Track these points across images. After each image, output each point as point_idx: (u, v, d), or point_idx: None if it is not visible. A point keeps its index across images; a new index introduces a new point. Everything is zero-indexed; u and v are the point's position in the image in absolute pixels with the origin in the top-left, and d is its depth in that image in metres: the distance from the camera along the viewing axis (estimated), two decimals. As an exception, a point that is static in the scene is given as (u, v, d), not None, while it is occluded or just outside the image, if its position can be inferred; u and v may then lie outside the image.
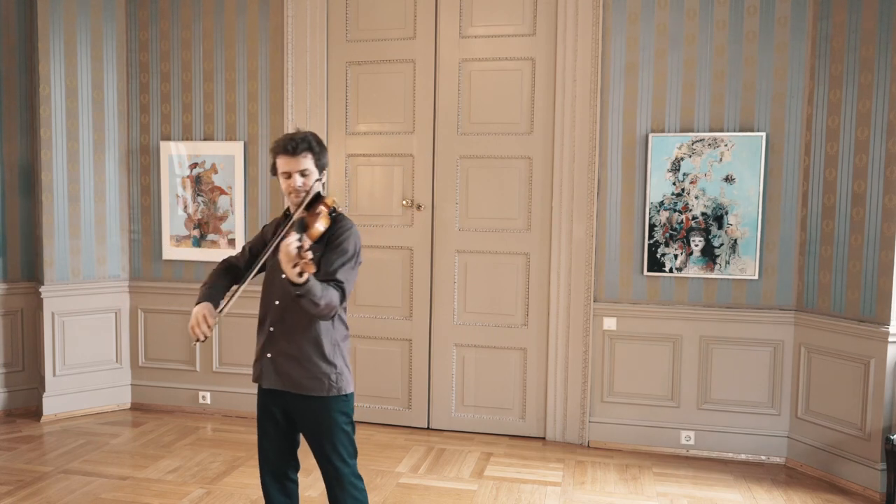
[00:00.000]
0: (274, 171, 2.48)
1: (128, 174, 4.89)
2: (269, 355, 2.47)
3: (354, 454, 2.52)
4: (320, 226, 2.35)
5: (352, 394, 2.52)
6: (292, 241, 2.12)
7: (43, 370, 4.70)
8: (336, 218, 2.47)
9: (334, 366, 2.45)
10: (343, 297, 2.35)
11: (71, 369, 4.74)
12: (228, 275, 2.61)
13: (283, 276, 2.24)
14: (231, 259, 2.66)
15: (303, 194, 2.42)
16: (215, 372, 4.85)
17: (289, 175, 2.42)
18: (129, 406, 4.97)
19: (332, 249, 2.40)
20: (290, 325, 2.43)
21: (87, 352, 4.79)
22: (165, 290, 4.87)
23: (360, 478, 2.52)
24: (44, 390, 4.68)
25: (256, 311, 4.86)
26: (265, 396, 2.53)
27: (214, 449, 4.21)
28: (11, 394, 4.82)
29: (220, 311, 2.45)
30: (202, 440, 4.37)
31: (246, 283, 2.49)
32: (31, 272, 4.84)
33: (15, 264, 4.79)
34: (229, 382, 4.82)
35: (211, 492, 3.61)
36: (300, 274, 2.11)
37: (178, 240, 4.82)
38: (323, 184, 2.56)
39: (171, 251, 4.84)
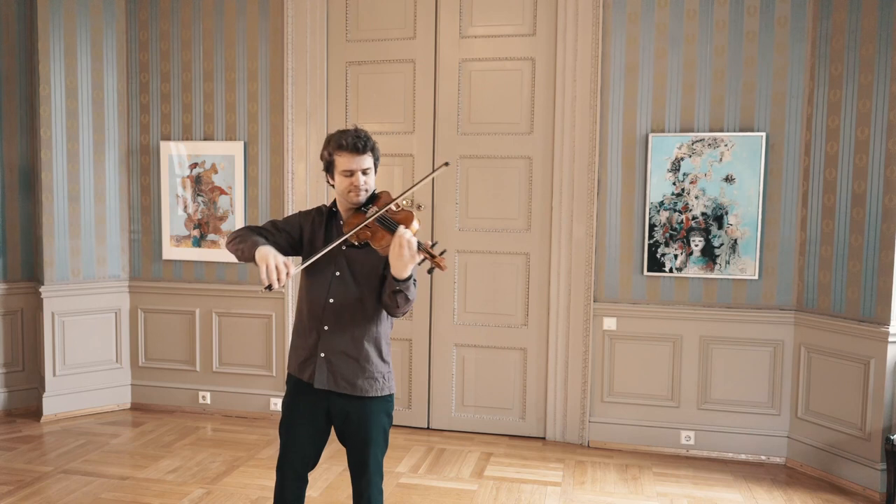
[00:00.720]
0: (329, 167, 2.42)
1: (128, 174, 4.89)
2: (322, 355, 2.41)
3: (385, 452, 2.51)
4: (417, 224, 2.32)
5: (393, 394, 2.51)
6: (412, 237, 2.16)
7: (43, 370, 4.70)
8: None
9: (388, 364, 2.46)
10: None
11: (71, 369, 4.74)
12: (262, 236, 2.44)
13: (374, 274, 2.25)
14: (258, 232, 2.46)
15: (363, 193, 2.39)
16: (215, 372, 4.85)
17: (352, 173, 2.37)
18: (129, 406, 4.97)
19: None
20: (348, 324, 2.39)
21: (87, 352, 4.79)
22: (165, 290, 4.87)
23: (383, 477, 2.52)
24: (44, 390, 4.68)
25: (257, 311, 4.86)
26: (311, 396, 2.45)
27: (214, 449, 4.21)
28: (11, 394, 4.82)
29: (302, 267, 2.35)
30: (202, 440, 4.37)
31: (329, 249, 2.33)
32: (31, 272, 4.84)
33: (15, 264, 4.79)
34: (229, 382, 4.82)
35: (211, 492, 3.61)
36: (429, 270, 2.15)
37: (178, 240, 4.82)
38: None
39: (171, 251, 4.84)
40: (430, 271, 2.24)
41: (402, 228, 2.20)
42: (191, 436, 4.44)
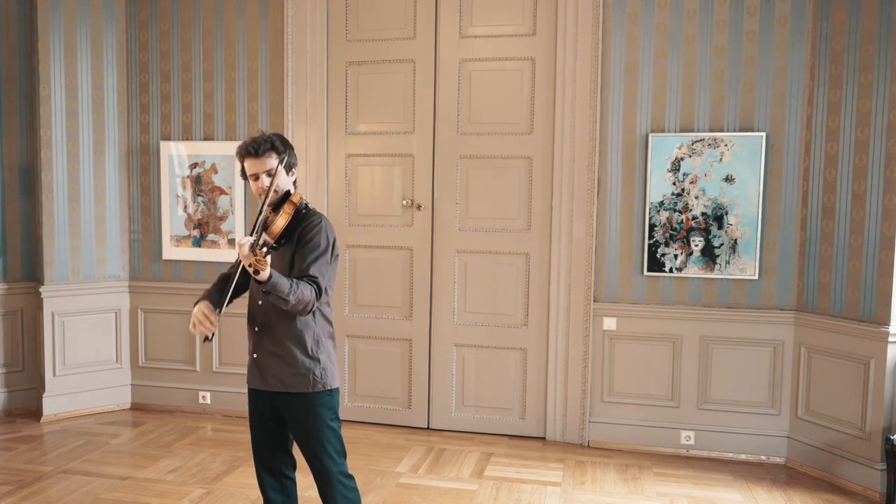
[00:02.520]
0: (244, 174, 2.51)
1: (128, 174, 4.89)
2: (255, 356, 2.53)
3: (343, 452, 2.53)
4: (280, 221, 2.39)
5: (336, 389, 2.54)
6: (246, 241, 2.21)
7: (43, 370, 4.70)
8: (306, 214, 2.49)
9: (318, 360, 2.48)
10: (319, 293, 2.38)
11: (71, 369, 4.74)
12: (222, 282, 2.64)
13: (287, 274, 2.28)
14: (224, 273, 2.71)
15: (272, 195, 2.43)
16: (215, 372, 4.85)
17: (256, 177, 2.45)
18: (129, 406, 4.97)
19: (303, 245, 2.42)
20: (273, 324, 2.47)
21: (87, 352, 4.79)
22: (165, 290, 4.87)
23: (350, 476, 2.54)
24: (44, 390, 4.68)
25: (256, 311, 4.76)
26: (254, 395, 2.58)
27: (214, 449, 4.21)
28: (11, 394, 4.82)
29: (219, 309, 2.47)
30: (202, 440, 4.37)
31: (231, 285, 2.50)
32: (31, 272, 4.84)
33: (15, 264, 4.79)
34: (229, 382, 4.82)
35: (211, 492, 3.61)
36: (256, 272, 2.18)
37: (178, 240, 4.82)
38: (294, 183, 2.57)
39: (171, 251, 4.84)
40: (255, 272, 2.21)
41: (244, 238, 2.25)
42: (191, 436, 4.44)
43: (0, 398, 4.79)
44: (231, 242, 4.73)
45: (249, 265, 2.18)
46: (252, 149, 2.43)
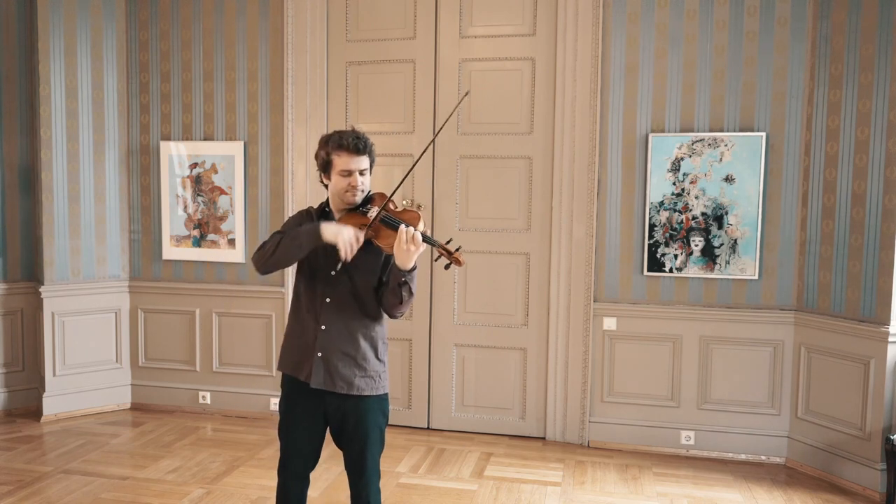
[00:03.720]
0: (326, 167, 2.42)
1: (128, 174, 4.89)
2: (319, 354, 2.41)
3: (381, 452, 2.52)
4: (422, 224, 2.36)
5: (388, 393, 2.53)
6: (413, 231, 2.25)
7: (43, 370, 4.70)
8: None
9: (384, 363, 2.48)
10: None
11: (71, 369, 4.74)
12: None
13: (397, 266, 2.29)
14: (272, 238, 2.48)
15: (360, 193, 2.41)
16: (215, 372, 4.85)
17: (350, 173, 2.38)
18: (129, 406, 4.97)
19: None
20: (346, 323, 2.41)
21: (87, 352, 4.79)
22: (165, 290, 4.87)
23: (380, 477, 2.53)
24: (44, 390, 4.68)
25: (256, 311, 4.85)
26: (308, 396, 2.45)
27: (214, 449, 4.21)
28: (11, 394, 4.82)
29: (363, 238, 2.34)
30: (202, 440, 4.37)
31: (365, 232, 2.36)
32: (31, 272, 4.84)
33: (15, 264, 4.79)
34: (229, 382, 4.82)
35: (211, 492, 3.61)
36: (446, 265, 2.25)
37: (178, 240, 4.82)
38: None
39: (171, 251, 4.84)
40: (447, 267, 2.34)
41: (404, 225, 2.27)
42: (191, 436, 4.44)
43: (0, 398, 4.79)
44: (231, 243, 4.72)
45: (440, 258, 2.25)
46: (360, 145, 2.37)
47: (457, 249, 2.31)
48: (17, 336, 4.83)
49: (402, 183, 2.56)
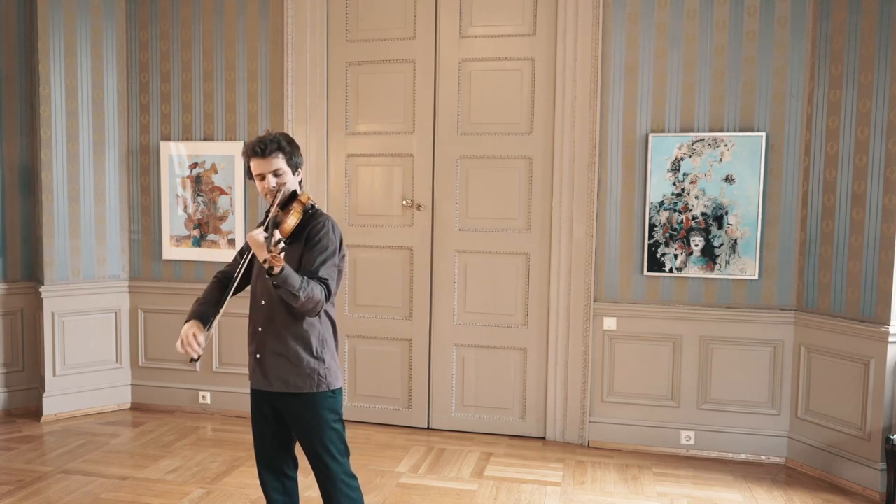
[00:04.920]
0: (249, 174, 2.51)
1: (128, 174, 4.90)
2: (257, 356, 2.50)
3: (346, 452, 2.53)
4: (291, 220, 2.40)
5: (340, 390, 2.53)
6: (258, 233, 2.25)
7: (43, 370, 4.70)
8: (313, 214, 2.50)
9: (322, 361, 2.47)
10: (329, 294, 2.38)
11: (71, 369, 4.74)
12: (220, 286, 2.61)
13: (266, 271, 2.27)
14: (222, 271, 2.68)
15: (279, 196, 2.44)
16: (215, 372, 4.85)
17: (262, 177, 2.45)
18: (129, 406, 4.97)
19: (311, 247, 2.42)
20: (278, 323, 2.45)
21: (87, 352, 4.79)
22: (165, 290, 4.87)
23: (353, 476, 2.53)
24: (44, 390, 4.68)
25: (256, 311, 4.74)
26: (256, 396, 2.56)
27: (214, 449, 4.21)
28: (11, 394, 4.82)
29: (209, 326, 2.46)
30: (202, 440, 4.37)
31: (233, 287, 2.51)
32: (31, 272, 4.84)
33: (15, 264, 4.79)
34: (229, 382, 4.82)
35: (211, 492, 3.61)
36: (270, 267, 2.18)
37: (178, 240, 4.82)
38: (300, 183, 2.57)
39: (171, 251, 4.84)
40: (269, 269, 2.21)
41: (258, 230, 2.31)
42: (191, 436, 4.44)
43: (0, 398, 4.79)
44: (231, 242, 4.73)
45: (264, 260, 2.18)
46: (259, 148, 2.42)
47: (280, 252, 2.19)
48: (17, 336, 4.83)
49: (279, 199, 2.48)
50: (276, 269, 2.19)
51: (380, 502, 3.50)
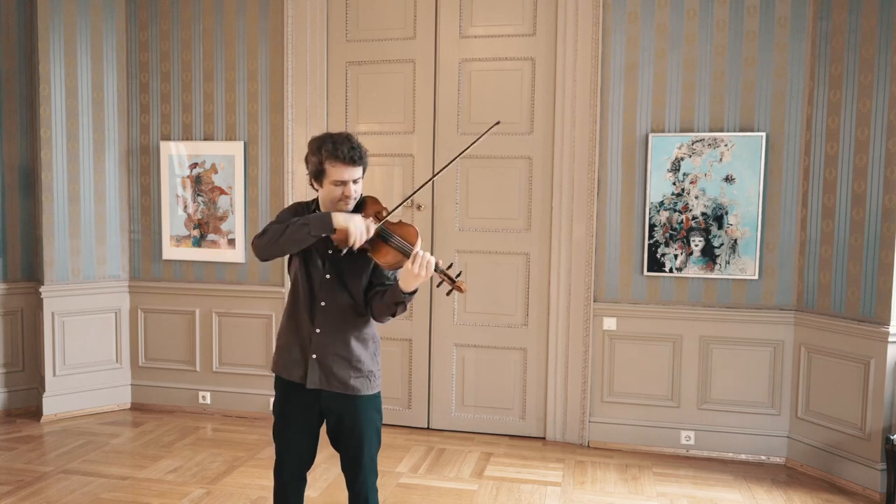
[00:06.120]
0: (318, 175, 2.38)
1: (128, 174, 4.89)
2: (314, 356, 2.43)
3: (378, 450, 2.54)
4: (419, 241, 2.36)
5: (380, 392, 2.56)
6: (428, 256, 2.25)
7: (43, 370, 4.70)
8: None
9: (378, 364, 2.51)
10: None
11: (71, 369, 4.74)
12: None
13: (363, 277, 2.33)
14: (272, 224, 2.44)
15: (352, 202, 2.39)
16: (215, 372, 4.85)
17: (344, 183, 2.35)
18: (129, 406, 4.97)
19: None
20: (341, 326, 2.43)
21: (87, 352, 4.79)
22: (165, 290, 4.87)
23: (377, 474, 2.54)
24: (44, 390, 4.68)
25: (257, 311, 4.84)
26: (302, 397, 2.46)
27: (214, 449, 4.21)
28: (11, 394, 4.82)
29: (376, 227, 2.33)
30: (202, 440, 4.37)
31: (380, 225, 2.36)
32: (31, 272, 4.84)
33: (15, 264, 4.79)
34: (229, 382, 4.82)
35: (211, 492, 3.61)
36: (448, 292, 2.26)
37: (178, 240, 4.82)
38: None
39: (171, 251, 4.84)
40: (448, 293, 2.37)
41: (420, 251, 2.27)
42: (191, 436, 4.44)
43: (0, 398, 4.79)
44: (231, 243, 4.72)
45: (441, 284, 2.24)
46: (357, 156, 2.33)
47: (458, 275, 2.30)
48: (17, 336, 4.83)
49: (402, 203, 2.58)
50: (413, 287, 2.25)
51: (380, 502, 3.50)
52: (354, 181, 2.37)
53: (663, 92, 4.12)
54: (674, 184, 4.10)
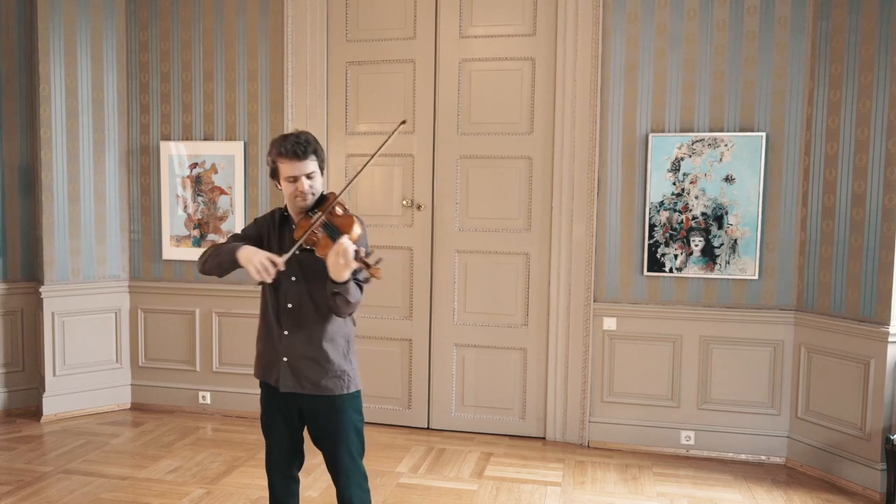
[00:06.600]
0: (275, 174, 2.42)
1: (128, 174, 4.90)
2: (285, 359, 2.45)
3: (363, 453, 2.53)
4: (357, 229, 2.33)
5: (360, 391, 2.54)
6: (349, 246, 2.18)
7: (43, 370, 4.70)
8: None
9: (351, 362, 2.49)
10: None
11: (71, 369, 4.74)
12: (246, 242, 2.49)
13: (326, 276, 2.25)
14: (221, 244, 2.51)
15: (309, 198, 2.38)
16: (215, 372, 4.85)
17: (295, 179, 2.36)
18: (129, 406, 4.97)
19: None
20: (307, 326, 2.42)
21: (87, 352, 4.79)
22: (165, 290, 4.87)
23: (366, 477, 2.54)
24: (44, 390, 4.68)
25: (256, 311, 4.83)
26: (280, 399, 2.50)
27: (214, 449, 4.21)
28: (11, 394, 4.82)
29: (285, 258, 2.31)
30: (202, 440, 4.37)
31: (290, 254, 2.34)
32: (31, 272, 4.84)
33: (15, 264, 4.79)
34: (229, 382, 4.82)
35: (211, 492, 3.61)
36: (365, 279, 2.20)
37: (178, 240, 4.82)
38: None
39: (171, 251, 4.84)
40: (366, 280, 2.33)
41: (343, 238, 2.22)
42: (191, 436, 4.44)
43: (0, 398, 4.79)
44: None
45: (361, 271, 2.17)
46: (299, 151, 2.32)
47: (377, 263, 2.23)
48: (17, 336, 4.83)
49: (346, 187, 2.52)
50: (346, 276, 2.19)
51: (380, 502, 3.50)
52: (308, 176, 2.37)
53: (663, 92, 4.12)
54: (674, 184, 4.10)
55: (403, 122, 2.68)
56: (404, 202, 4.53)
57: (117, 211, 4.86)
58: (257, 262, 2.26)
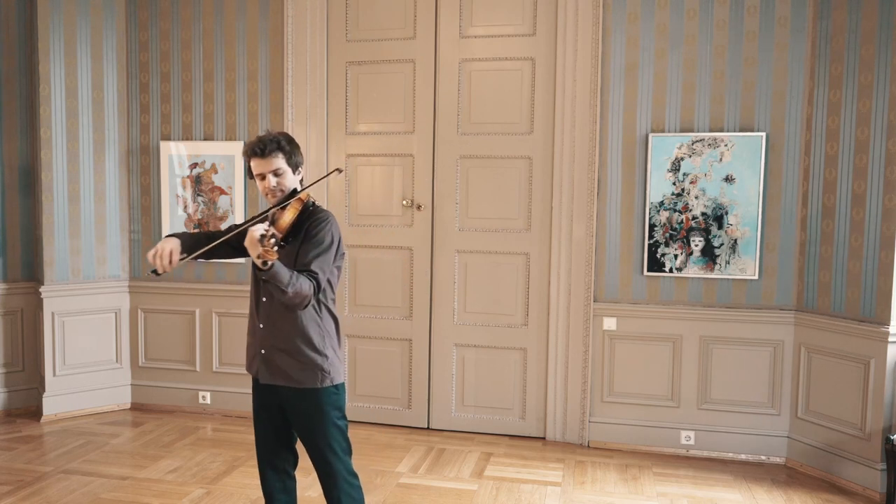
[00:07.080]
0: (251, 174, 2.53)
1: (128, 174, 4.90)
2: (262, 352, 2.52)
3: (348, 450, 2.54)
4: (288, 215, 2.40)
5: (343, 385, 2.54)
6: (258, 228, 2.21)
7: (43, 370, 4.70)
8: (313, 210, 2.51)
9: (325, 356, 2.48)
10: (318, 288, 2.38)
11: (71, 369, 4.74)
12: (206, 237, 2.60)
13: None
14: (210, 231, 2.71)
15: (279, 194, 2.47)
16: (215, 372, 4.85)
17: (262, 176, 2.46)
18: (129, 406, 4.97)
19: (307, 241, 2.43)
20: (279, 319, 2.47)
21: (87, 352, 4.79)
22: (165, 290, 4.87)
23: (355, 475, 2.54)
24: (44, 390, 4.68)
25: (256, 311, 4.74)
26: (261, 392, 2.57)
27: (214, 449, 4.21)
28: (11, 394, 4.82)
29: (187, 258, 2.42)
30: (202, 440, 4.37)
31: (211, 245, 2.46)
32: (31, 272, 4.84)
33: (15, 264, 4.79)
34: (229, 382, 4.82)
35: (211, 492, 3.61)
36: (264, 262, 2.18)
37: (178, 240, 4.82)
38: (300, 182, 2.59)
39: (171, 251, 4.83)
40: (262, 262, 2.22)
41: (259, 225, 2.25)
42: (191, 436, 4.44)
43: (0, 398, 4.79)
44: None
45: (258, 256, 2.17)
46: (259, 149, 2.44)
47: (274, 246, 2.21)
48: (17, 336, 4.83)
49: (311, 185, 2.60)
50: (268, 264, 2.19)
51: (380, 502, 3.50)
52: (275, 174, 2.45)
53: (663, 92, 4.12)
54: (674, 184, 4.10)
55: (339, 170, 2.78)
56: (404, 202, 4.53)
57: (117, 211, 4.86)
58: (158, 247, 2.38)
